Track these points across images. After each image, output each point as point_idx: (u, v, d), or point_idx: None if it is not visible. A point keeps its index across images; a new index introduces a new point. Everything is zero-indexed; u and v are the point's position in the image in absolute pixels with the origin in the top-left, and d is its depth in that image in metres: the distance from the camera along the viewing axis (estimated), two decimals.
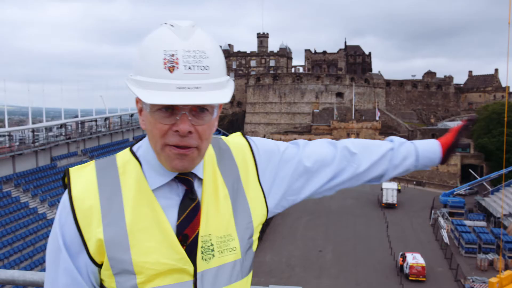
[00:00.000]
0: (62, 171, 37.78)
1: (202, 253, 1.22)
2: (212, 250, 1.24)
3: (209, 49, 1.13)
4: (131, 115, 55.78)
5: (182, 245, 1.20)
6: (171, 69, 1.09)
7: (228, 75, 1.23)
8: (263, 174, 1.40)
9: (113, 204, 1.20)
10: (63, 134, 42.02)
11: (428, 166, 1.60)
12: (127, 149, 1.31)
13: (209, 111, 1.17)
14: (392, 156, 1.54)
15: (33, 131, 37.67)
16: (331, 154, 1.49)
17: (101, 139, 46.71)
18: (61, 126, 42.51)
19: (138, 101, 1.22)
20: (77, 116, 51.61)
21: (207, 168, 1.31)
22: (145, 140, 1.28)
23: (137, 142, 1.32)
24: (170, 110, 1.13)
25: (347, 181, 1.51)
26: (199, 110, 1.15)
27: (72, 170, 1.26)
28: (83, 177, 1.24)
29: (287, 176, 1.43)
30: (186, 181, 1.25)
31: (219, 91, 1.14)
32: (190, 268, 1.20)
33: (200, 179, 1.28)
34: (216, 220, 1.26)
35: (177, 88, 1.09)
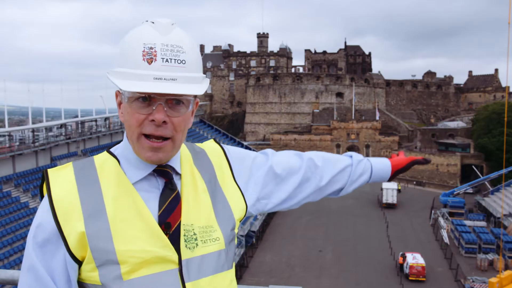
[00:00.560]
0: None
1: (185, 241, 1.25)
2: (196, 239, 1.27)
3: (187, 45, 1.20)
4: None
5: (165, 233, 1.23)
6: (149, 61, 1.15)
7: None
8: (237, 175, 1.48)
9: (93, 200, 1.22)
10: (63, 134, 41.98)
11: (377, 182, 1.78)
12: (104, 151, 1.36)
13: (185, 104, 1.23)
14: (351, 172, 1.68)
15: (33, 131, 37.63)
16: (298, 164, 1.61)
17: (101, 139, 46.68)
18: (61, 126, 42.47)
19: (117, 94, 1.28)
20: (77, 116, 51.62)
21: (185, 165, 1.36)
22: (122, 142, 1.34)
23: (114, 145, 1.38)
24: (147, 101, 1.19)
25: (311, 194, 1.63)
26: (175, 102, 1.21)
27: (50, 172, 1.28)
28: (62, 177, 1.27)
29: (260, 179, 1.52)
30: (165, 173, 1.30)
31: (194, 84, 1.20)
32: (174, 255, 1.22)
33: (178, 174, 1.33)
34: (196, 211, 1.30)
35: (154, 79, 1.14)
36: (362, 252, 36.91)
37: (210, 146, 1.50)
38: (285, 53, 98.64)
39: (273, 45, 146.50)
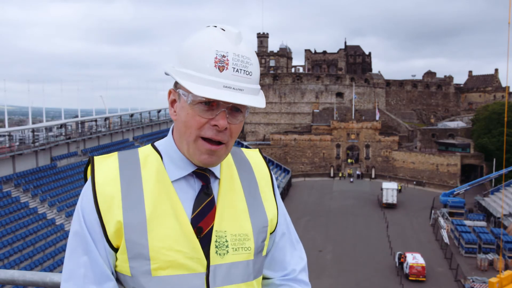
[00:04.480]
0: (62, 171, 37.77)
1: (216, 247, 1.26)
2: (227, 246, 1.28)
3: (253, 57, 1.24)
4: (131, 115, 55.80)
5: (196, 237, 1.25)
6: (221, 69, 1.18)
7: None
8: (276, 192, 1.50)
9: (134, 193, 1.25)
10: (63, 134, 41.97)
11: None
12: (149, 144, 1.38)
13: (242, 113, 1.27)
14: None
15: (33, 131, 37.62)
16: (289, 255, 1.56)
17: (101, 139, 46.65)
18: (61, 126, 42.45)
19: (171, 92, 1.30)
20: (77, 116, 51.64)
21: (225, 169, 1.38)
22: (167, 138, 1.36)
23: (158, 139, 1.40)
24: (210, 105, 1.21)
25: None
26: (235, 110, 1.24)
27: (96, 159, 1.32)
28: (106, 166, 1.30)
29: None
30: (203, 176, 1.31)
31: (256, 96, 1.25)
32: (203, 259, 1.24)
33: (217, 178, 1.34)
34: (231, 218, 1.31)
35: (224, 87, 1.17)
36: (362, 252, 36.89)
37: (254, 157, 1.51)
38: (285, 53, 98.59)
39: (273, 45, 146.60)
